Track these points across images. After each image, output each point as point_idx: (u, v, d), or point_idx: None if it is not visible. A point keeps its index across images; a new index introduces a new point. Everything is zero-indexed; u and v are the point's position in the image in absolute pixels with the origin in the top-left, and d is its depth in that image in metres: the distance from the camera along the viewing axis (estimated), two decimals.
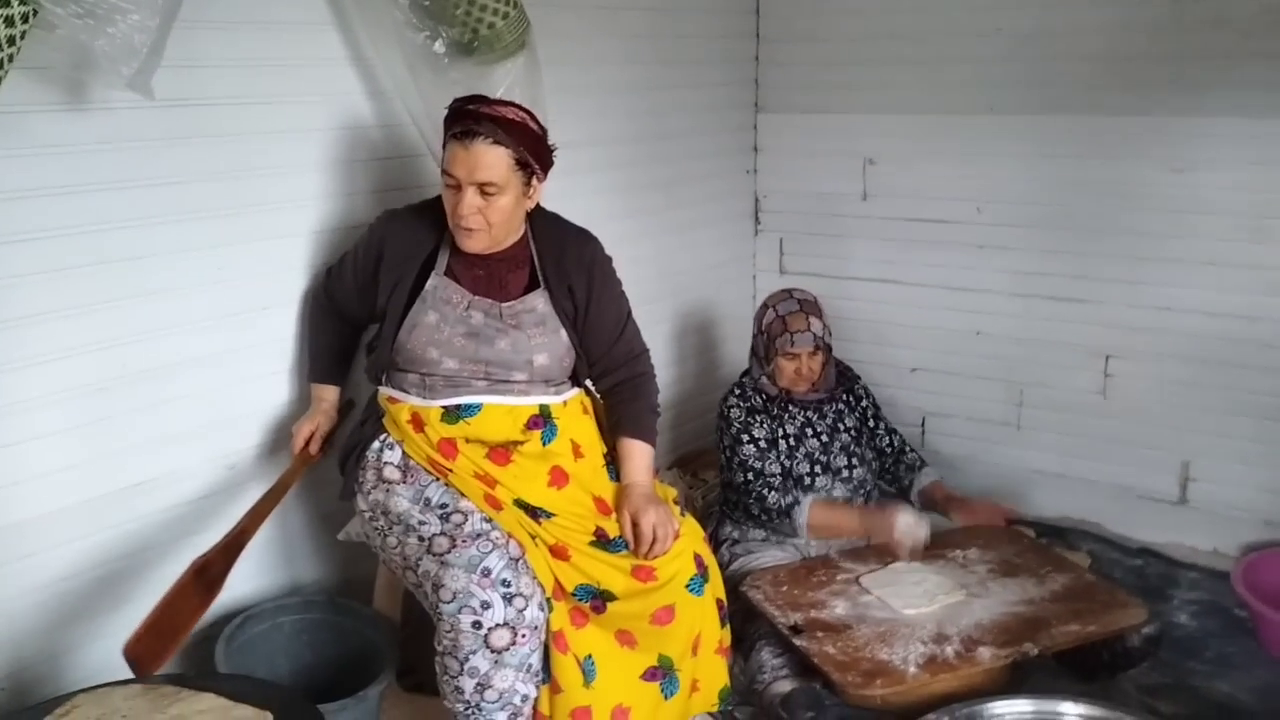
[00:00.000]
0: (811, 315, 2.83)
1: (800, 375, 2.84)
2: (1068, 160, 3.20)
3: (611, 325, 2.32)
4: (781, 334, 2.81)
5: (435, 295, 2.19)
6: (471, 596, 1.93)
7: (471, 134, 2.06)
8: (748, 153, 3.78)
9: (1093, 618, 2.46)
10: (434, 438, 2.17)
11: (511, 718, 1.99)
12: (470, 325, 2.18)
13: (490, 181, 2.08)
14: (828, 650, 2.37)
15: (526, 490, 2.16)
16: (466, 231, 2.13)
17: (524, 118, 2.14)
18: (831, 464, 2.87)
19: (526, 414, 2.21)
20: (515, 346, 2.19)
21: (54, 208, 2.01)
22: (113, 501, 2.19)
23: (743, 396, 2.91)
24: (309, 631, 2.36)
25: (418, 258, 2.22)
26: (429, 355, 2.17)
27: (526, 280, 2.25)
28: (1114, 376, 3.24)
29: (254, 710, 1.74)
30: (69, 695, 1.76)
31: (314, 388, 2.41)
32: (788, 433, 2.86)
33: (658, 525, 2.14)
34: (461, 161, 2.07)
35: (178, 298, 2.24)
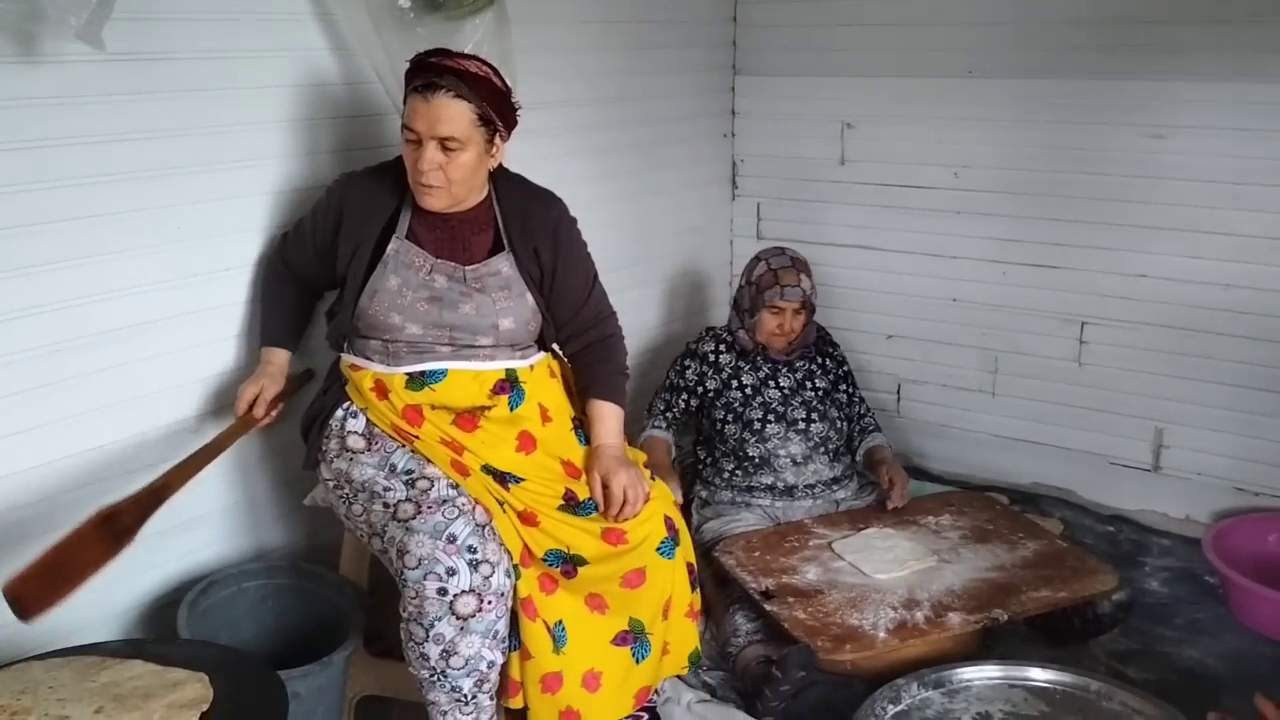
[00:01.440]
0: (803, 272, 2.84)
1: (781, 331, 2.85)
2: (1046, 125, 3.17)
3: (579, 288, 2.28)
4: (772, 286, 2.81)
5: (397, 259, 2.14)
6: (437, 563, 1.91)
7: (433, 87, 2.00)
8: (725, 116, 3.74)
9: (1063, 584, 2.47)
10: (399, 405, 2.13)
11: (477, 684, 1.97)
12: (433, 289, 2.13)
13: (452, 136, 2.02)
14: (798, 615, 2.36)
15: (494, 456, 2.13)
16: (426, 189, 2.07)
17: (488, 72, 2.08)
18: (788, 415, 2.86)
19: (493, 379, 2.17)
20: (480, 310, 2.14)
21: (4, 164, 1.95)
22: (73, 465, 2.15)
23: (696, 341, 3.00)
24: (274, 597, 2.34)
25: (378, 220, 2.16)
26: (391, 321, 2.12)
27: (490, 243, 2.20)
28: (1089, 344, 3.23)
29: (188, 673, 1.71)
30: None
31: (264, 350, 2.32)
32: (744, 383, 2.89)
33: (628, 487, 2.12)
34: (422, 115, 2.02)
35: (136, 258, 2.18)
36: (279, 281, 2.33)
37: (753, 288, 2.87)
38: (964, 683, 2.22)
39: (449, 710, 1.98)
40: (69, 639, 2.04)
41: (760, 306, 2.83)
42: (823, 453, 2.89)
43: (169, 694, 1.63)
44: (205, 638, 2.12)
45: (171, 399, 2.30)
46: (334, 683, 2.18)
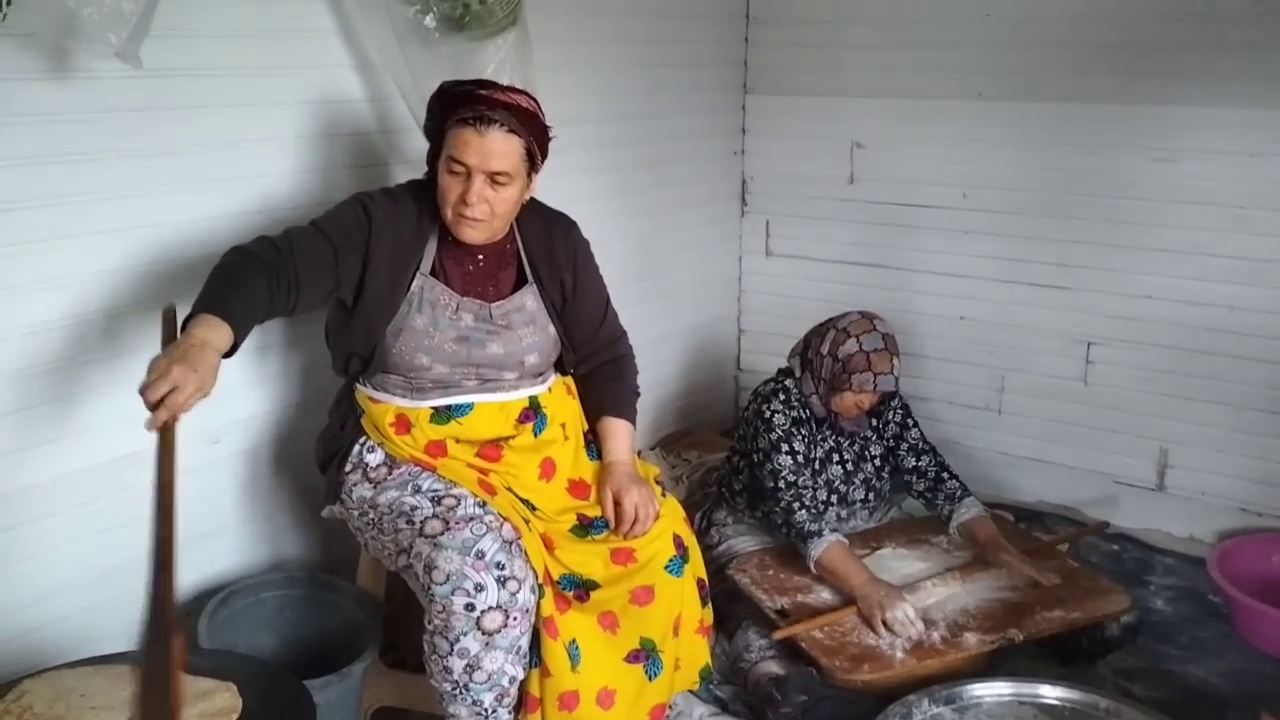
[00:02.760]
0: (894, 355, 2.62)
1: (859, 408, 2.68)
2: (1054, 148, 3.21)
3: (596, 312, 2.30)
4: (863, 371, 2.57)
5: (422, 296, 2.10)
6: (465, 579, 1.92)
7: (487, 121, 1.98)
8: (735, 134, 3.77)
9: (1076, 604, 2.49)
10: (421, 440, 2.12)
11: (498, 699, 1.99)
12: (460, 329, 2.11)
13: (503, 171, 2.01)
14: (814, 635, 2.38)
15: (517, 484, 2.15)
16: (471, 221, 2.04)
17: (535, 107, 2.07)
18: (849, 495, 2.77)
19: (518, 409, 2.18)
20: (507, 349, 2.14)
21: (35, 178, 1.98)
22: (94, 476, 2.17)
23: (788, 404, 2.69)
24: (292, 607, 2.35)
25: (407, 254, 2.10)
26: (419, 361, 2.09)
27: (514, 276, 2.19)
28: (1095, 363, 3.26)
29: (216, 682, 1.72)
30: (15, 681, 1.71)
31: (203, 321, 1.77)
32: (815, 455, 2.72)
33: (639, 505, 2.14)
34: (475, 149, 1.99)
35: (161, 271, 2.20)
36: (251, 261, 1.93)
37: (838, 364, 2.62)
38: (975, 699, 2.24)
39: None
40: (94, 648, 2.07)
41: (845, 387, 2.60)
42: (864, 509, 2.86)
43: (199, 703, 1.65)
44: (224, 647, 2.14)
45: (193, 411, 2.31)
46: (351, 693, 2.20)
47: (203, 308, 1.80)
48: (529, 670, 2.03)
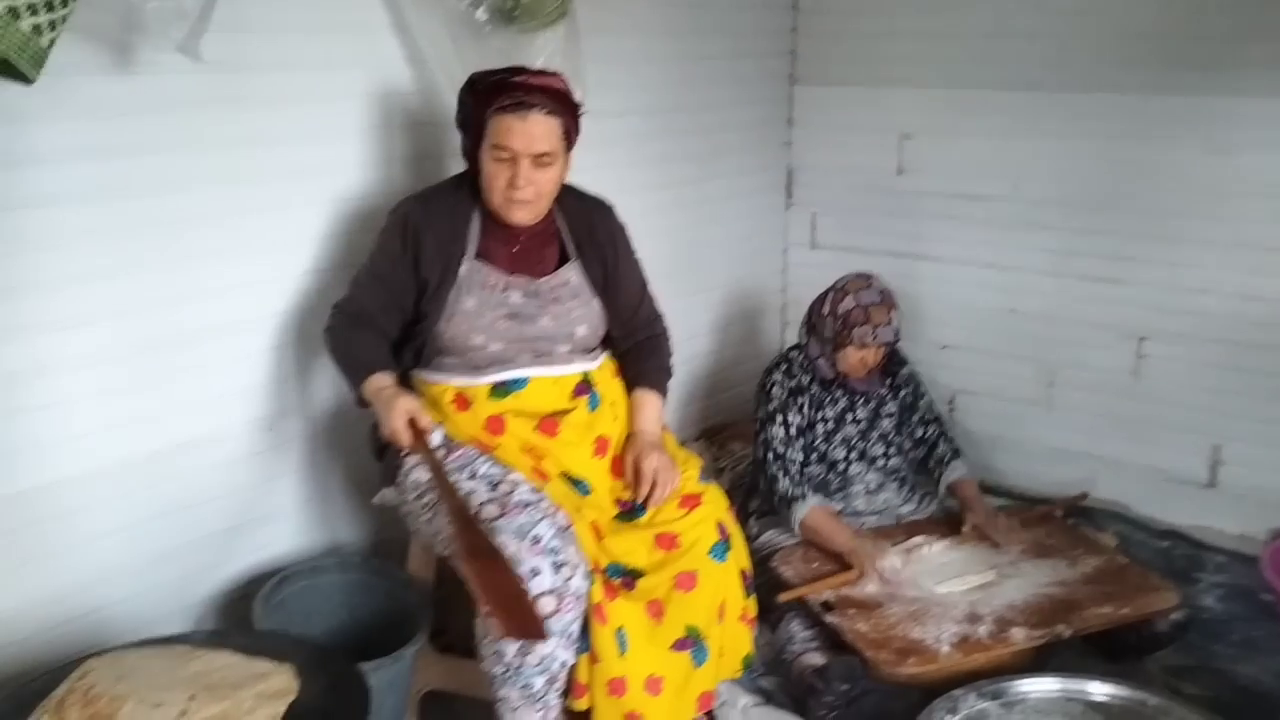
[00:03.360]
0: (892, 308, 2.73)
1: (865, 364, 2.78)
2: (1107, 139, 3.16)
3: (636, 293, 2.37)
4: (862, 324, 2.70)
5: (470, 280, 2.18)
6: (521, 563, 1.95)
7: (527, 106, 2.08)
8: (782, 125, 3.76)
9: (1125, 601, 2.47)
10: (482, 415, 2.18)
11: (549, 682, 2.01)
12: (510, 306, 2.19)
13: (547, 152, 2.10)
14: (859, 628, 2.38)
15: (572, 460, 2.18)
16: (521, 204, 2.14)
17: (566, 87, 2.16)
18: (868, 452, 2.85)
19: (572, 382, 2.23)
20: (557, 321, 2.22)
21: (96, 170, 2.03)
22: (151, 463, 2.22)
23: (788, 373, 2.84)
24: (344, 591, 2.39)
25: (455, 243, 2.20)
26: (473, 341, 2.17)
27: (557, 254, 2.28)
28: (1147, 358, 3.22)
29: (273, 664, 1.76)
30: (80, 660, 1.76)
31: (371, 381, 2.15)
32: (828, 416, 2.82)
33: (659, 470, 2.17)
34: (519, 133, 2.08)
35: (220, 261, 2.25)
36: (356, 326, 2.22)
37: (838, 321, 2.75)
38: (1021, 695, 2.22)
39: (519, 707, 2.02)
40: (152, 629, 2.13)
41: (846, 343, 2.73)
42: (894, 482, 2.89)
43: (257, 684, 1.69)
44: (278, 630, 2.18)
45: (250, 396, 2.37)
46: (403, 677, 2.24)
47: (359, 379, 2.17)
48: (578, 656, 2.06)
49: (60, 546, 2.11)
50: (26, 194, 1.93)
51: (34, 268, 1.97)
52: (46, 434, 2.05)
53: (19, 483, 2.02)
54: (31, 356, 2.00)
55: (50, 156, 1.95)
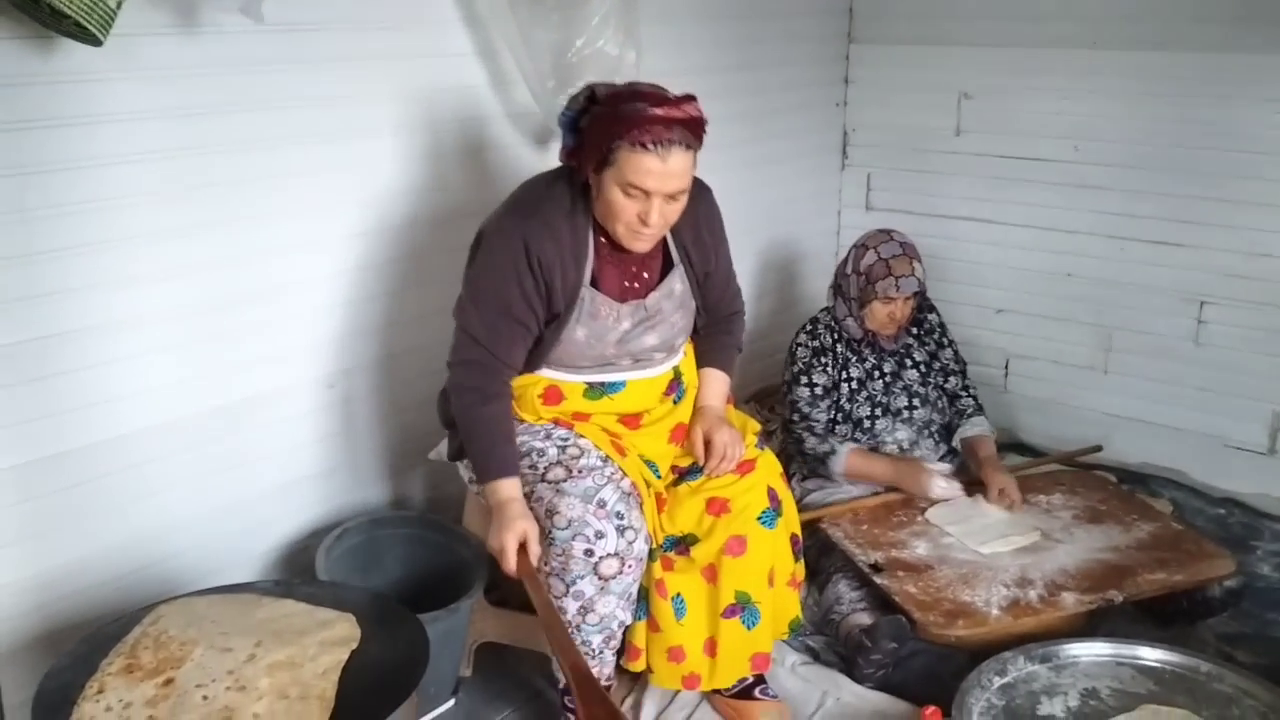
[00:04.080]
0: (914, 259, 2.74)
1: (892, 319, 2.78)
2: (1170, 99, 3.10)
3: (723, 276, 2.30)
4: (884, 277, 2.71)
5: (583, 310, 2.08)
6: (586, 525, 1.98)
7: (668, 144, 1.87)
8: (838, 85, 3.72)
9: (1179, 567, 2.46)
10: (570, 409, 2.17)
11: (606, 640, 2.06)
12: (620, 333, 2.12)
13: (682, 189, 1.94)
14: (909, 590, 2.39)
15: (647, 448, 2.21)
16: (645, 237, 1.99)
17: (700, 111, 1.95)
18: (891, 405, 2.84)
19: (665, 381, 2.23)
20: (661, 337, 2.17)
21: (163, 130, 2.06)
22: (217, 416, 2.28)
23: (813, 335, 2.87)
24: (402, 545, 2.44)
25: (575, 265, 2.05)
26: (579, 364, 2.14)
27: (661, 261, 2.17)
28: (1207, 323, 3.17)
29: (337, 613, 1.81)
30: (151, 606, 1.82)
31: (496, 486, 2.02)
32: (852, 375, 2.84)
33: (729, 444, 2.17)
34: (658, 174, 1.89)
35: (282, 220, 2.29)
36: (487, 403, 2.06)
37: (862, 278, 2.77)
38: (1071, 658, 2.22)
39: None
40: (218, 577, 2.20)
41: (872, 298, 2.75)
42: (928, 436, 2.88)
43: (321, 631, 1.75)
44: (339, 581, 2.24)
45: (312, 354, 2.42)
46: (459, 628, 2.29)
47: (483, 478, 2.04)
48: (635, 619, 2.10)
49: (132, 497, 2.17)
50: (98, 154, 1.98)
51: (105, 226, 2.02)
52: (118, 389, 2.11)
53: (94, 435, 2.09)
54: (103, 313, 2.05)
55: (120, 117, 1.99)
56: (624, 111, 1.89)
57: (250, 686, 1.60)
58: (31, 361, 1.97)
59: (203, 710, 1.55)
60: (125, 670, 1.63)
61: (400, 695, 1.66)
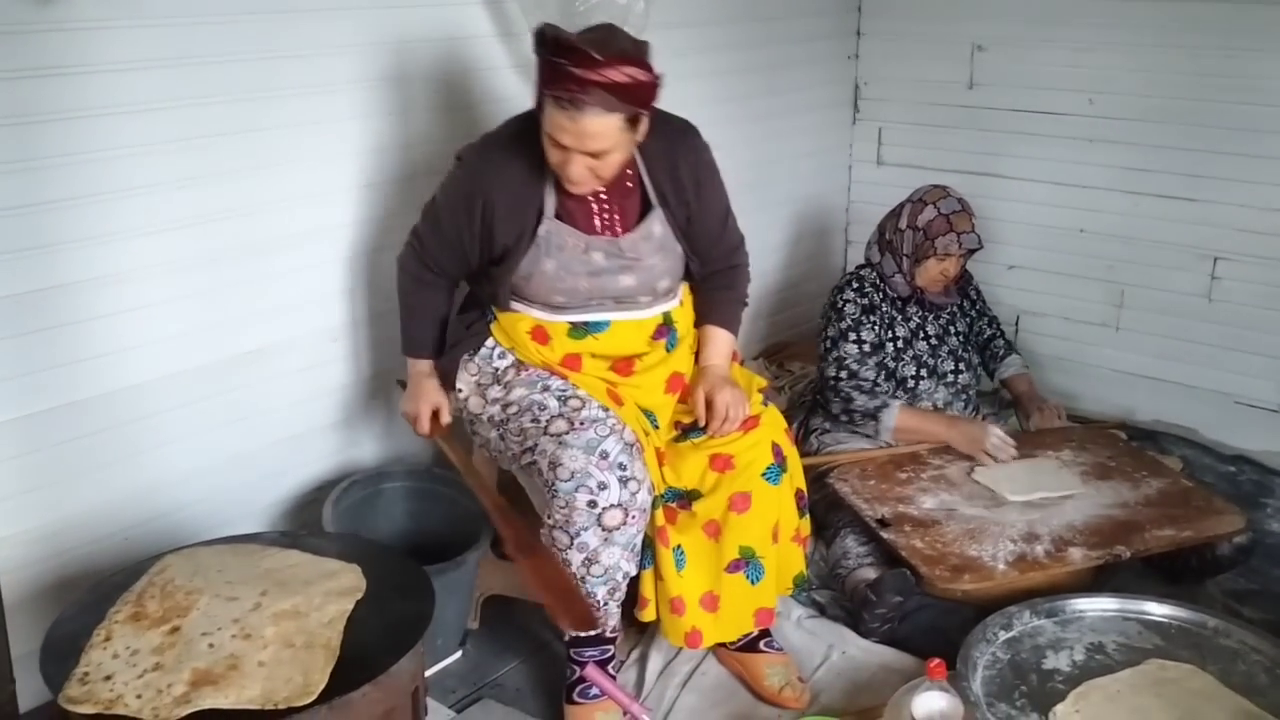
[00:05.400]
0: (972, 215, 2.73)
1: (945, 276, 2.76)
2: (1189, 51, 3.05)
3: (717, 221, 2.25)
4: (945, 233, 2.68)
5: (549, 241, 2.08)
6: (589, 477, 1.98)
7: (578, 103, 1.85)
8: (849, 37, 3.67)
9: (1188, 523, 2.45)
10: (558, 351, 2.17)
11: (610, 592, 2.07)
12: (591, 266, 2.10)
13: (601, 150, 1.92)
14: (915, 544, 2.39)
15: (643, 398, 2.19)
16: (575, 184, 2.01)
17: (633, 75, 1.87)
18: (938, 368, 2.83)
19: (653, 325, 2.21)
20: (640, 279, 2.14)
21: (164, 80, 2.04)
22: (224, 368, 2.28)
23: (860, 291, 2.80)
24: (409, 498, 2.46)
25: (530, 205, 2.07)
26: (553, 300, 2.13)
27: (639, 202, 2.14)
28: (1221, 279, 3.14)
29: (342, 563, 1.82)
30: (158, 556, 1.83)
31: (411, 362, 2.26)
32: (897, 335, 2.80)
33: (731, 405, 2.15)
34: (569, 132, 1.89)
35: (284, 172, 2.27)
36: (420, 288, 2.23)
37: (919, 234, 2.72)
38: (1078, 613, 2.22)
39: None
40: (225, 528, 2.21)
41: (929, 254, 2.71)
42: (962, 400, 2.86)
43: (326, 582, 1.75)
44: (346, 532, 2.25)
45: (316, 307, 2.41)
46: (465, 581, 2.30)
47: (405, 350, 2.27)
48: (641, 570, 2.11)
49: (138, 449, 2.18)
50: (101, 103, 1.96)
51: (109, 176, 2.01)
52: (122, 341, 2.10)
53: (99, 387, 2.09)
54: (109, 264, 2.04)
55: (124, 66, 1.97)
56: (549, 63, 1.88)
57: (255, 635, 1.61)
58: (35, 313, 1.97)
59: (209, 658, 1.56)
60: (132, 618, 1.64)
61: (405, 645, 1.66)
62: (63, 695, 1.52)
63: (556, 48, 1.86)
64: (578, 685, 2.13)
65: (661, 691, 2.24)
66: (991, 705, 1.95)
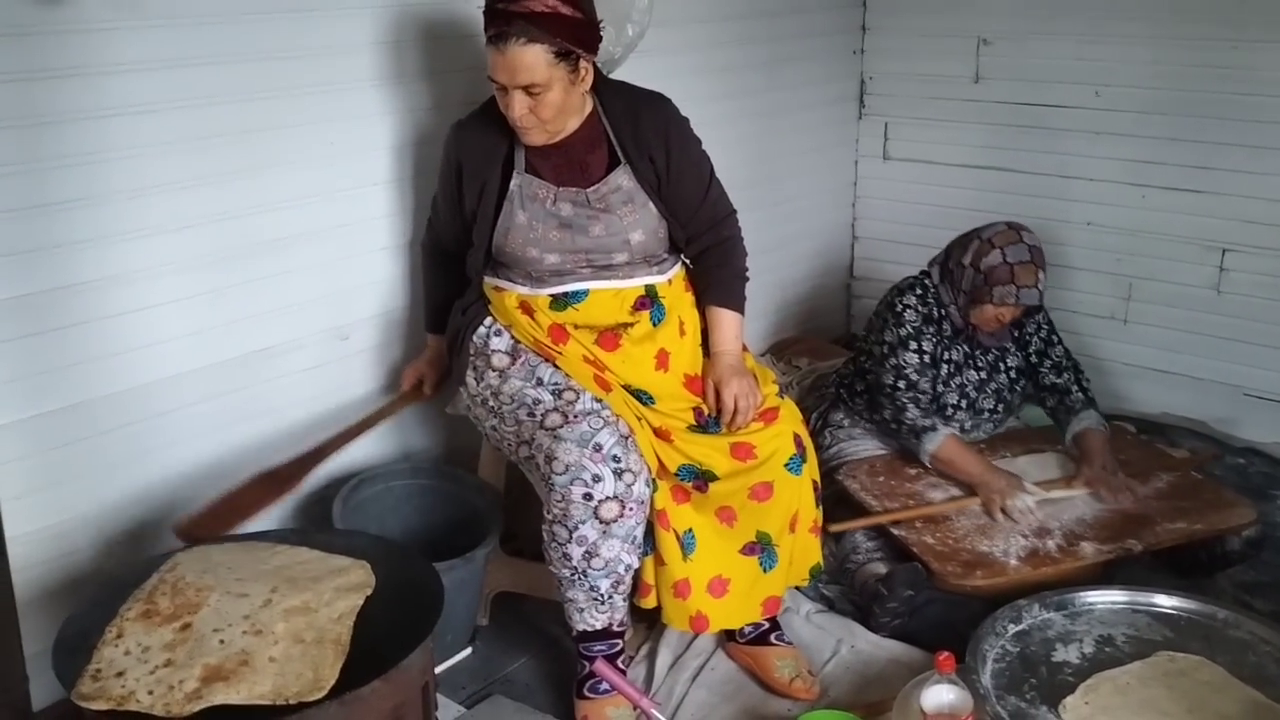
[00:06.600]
0: (1040, 267, 2.54)
1: (1001, 322, 2.62)
2: (1193, 43, 3.05)
3: (695, 189, 2.24)
4: (1005, 284, 2.52)
5: (521, 194, 2.16)
6: (583, 469, 1.99)
7: (504, 36, 1.98)
8: (855, 32, 3.67)
9: (1199, 517, 2.44)
10: (544, 324, 2.19)
11: (614, 585, 2.07)
12: (561, 218, 2.15)
13: (532, 83, 2.00)
14: (926, 540, 2.39)
15: (633, 375, 2.19)
16: (523, 130, 2.09)
17: (554, 6, 1.99)
18: (979, 402, 2.72)
19: (633, 296, 2.21)
20: (609, 229, 2.16)
21: (170, 80, 2.05)
22: (234, 367, 2.29)
23: (923, 301, 2.66)
24: (418, 496, 2.46)
25: (496, 161, 2.17)
26: (529, 254, 2.16)
27: (606, 158, 2.19)
28: (1229, 271, 3.13)
29: (351, 560, 1.83)
30: (168, 554, 1.84)
31: (428, 336, 2.47)
32: (951, 358, 2.68)
33: (739, 396, 2.16)
34: (501, 66, 2.00)
35: (291, 171, 2.28)
36: (433, 266, 2.40)
37: (980, 276, 2.56)
38: (1087, 606, 2.21)
39: (585, 608, 2.09)
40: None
41: (985, 300, 2.56)
42: (989, 423, 2.79)
43: (336, 578, 1.76)
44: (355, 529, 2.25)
45: (326, 305, 2.42)
46: (474, 577, 2.31)
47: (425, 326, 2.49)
48: (643, 559, 2.10)
49: (148, 448, 2.19)
50: (108, 104, 1.97)
51: (118, 177, 2.01)
52: (133, 340, 2.11)
53: (110, 386, 2.10)
54: (118, 264, 2.05)
55: (130, 67, 1.98)
56: (485, 10, 2.04)
57: (266, 631, 1.61)
58: (46, 312, 1.98)
59: (220, 654, 1.57)
60: (143, 615, 1.65)
61: (414, 641, 1.67)
62: (75, 692, 1.53)
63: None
64: (588, 680, 2.14)
65: (671, 686, 2.25)
66: (1001, 698, 1.95)
